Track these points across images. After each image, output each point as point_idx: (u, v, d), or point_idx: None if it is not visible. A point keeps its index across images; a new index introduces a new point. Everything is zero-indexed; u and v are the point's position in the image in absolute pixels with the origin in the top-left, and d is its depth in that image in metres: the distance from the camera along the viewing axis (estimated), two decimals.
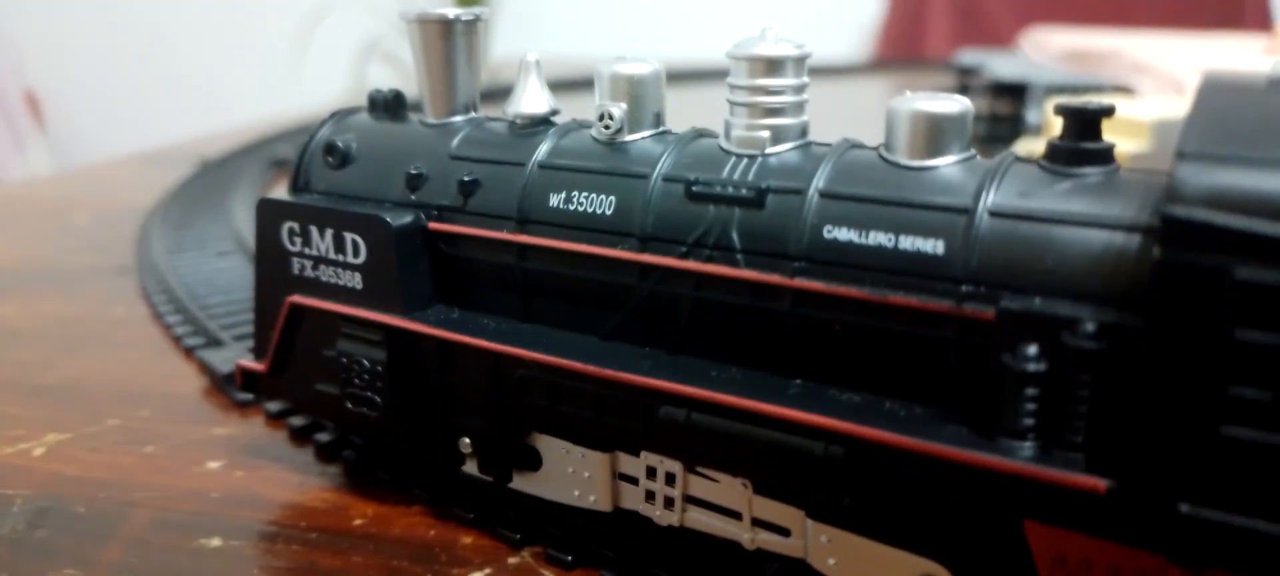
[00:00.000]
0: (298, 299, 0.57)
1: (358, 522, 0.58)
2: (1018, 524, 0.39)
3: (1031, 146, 1.19)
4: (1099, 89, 1.57)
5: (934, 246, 0.41)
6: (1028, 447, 0.38)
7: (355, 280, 0.55)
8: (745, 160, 0.47)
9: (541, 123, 0.55)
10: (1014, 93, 1.70)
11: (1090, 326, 0.36)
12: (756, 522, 0.47)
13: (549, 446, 0.53)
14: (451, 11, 0.56)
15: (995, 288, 0.40)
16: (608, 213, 0.49)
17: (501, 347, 0.51)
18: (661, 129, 0.52)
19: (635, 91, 0.51)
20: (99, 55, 3.96)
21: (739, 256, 0.45)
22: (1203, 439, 0.34)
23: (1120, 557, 0.37)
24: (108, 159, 1.86)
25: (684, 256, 0.47)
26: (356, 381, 0.55)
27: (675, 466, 0.49)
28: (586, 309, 0.51)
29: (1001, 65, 1.84)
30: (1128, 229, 0.38)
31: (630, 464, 0.51)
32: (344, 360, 0.56)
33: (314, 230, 0.56)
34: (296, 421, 0.68)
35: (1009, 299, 0.39)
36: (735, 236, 0.46)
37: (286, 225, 0.57)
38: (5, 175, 3.27)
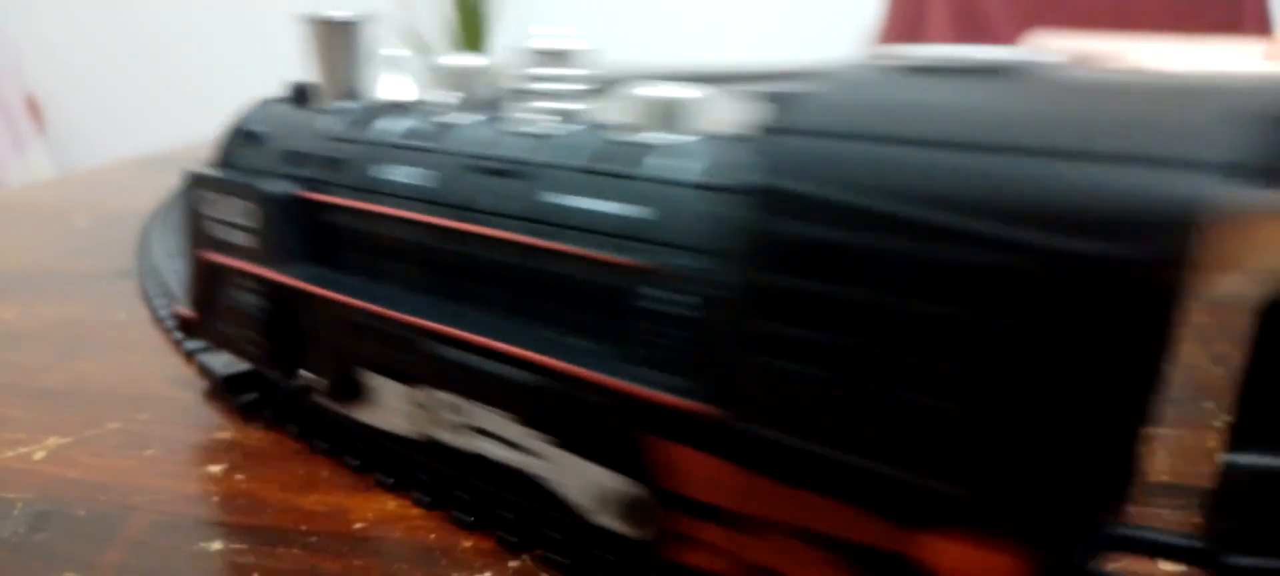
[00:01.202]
0: (209, 255, 0.68)
1: (358, 526, 0.58)
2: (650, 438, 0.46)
3: None
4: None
5: (629, 210, 0.48)
6: (647, 373, 0.45)
7: (246, 239, 0.64)
8: (524, 139, 0.54)
9: (397, 108, 0.63)
10: None
11: (679, 297, 0.44)
12: (516, 447, 0.53)
13: (375, 381, 0.61)
14: (337, 14, 0.65)
15: (659, 244, 0.47)
16: (418, 183, 0.58)
17: (334, 296, 0.59)
18: (490, 115, 0.59)
19: (461, 82, 0.60)
20: (99, 59, 3.97)
21: (494, 219, 0.53)
22: (755, 368, 0.40)
23: (708, 465, 0.44)
24: (108, 162, 1.86)
25: (463, 220, 0.55)
26: (245, 326, 0.66)
27: (458, 397, 0.56)
28: (409, 265, 0.59)
29: None
30: (728, 191, 0.44)
31: (431, 395, 0.58)
32: (238, 307, 0.66)
33: (220, 197, 0.66)
34: (296, 428, 0.68)
35: (663, 254, 0.46)
36: (496, 202, 0.54)
37: (203, 193, 0.67)
38: (5, 178, 3.27)
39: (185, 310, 0.73)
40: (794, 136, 0.39)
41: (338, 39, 0.65)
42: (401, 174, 0.58)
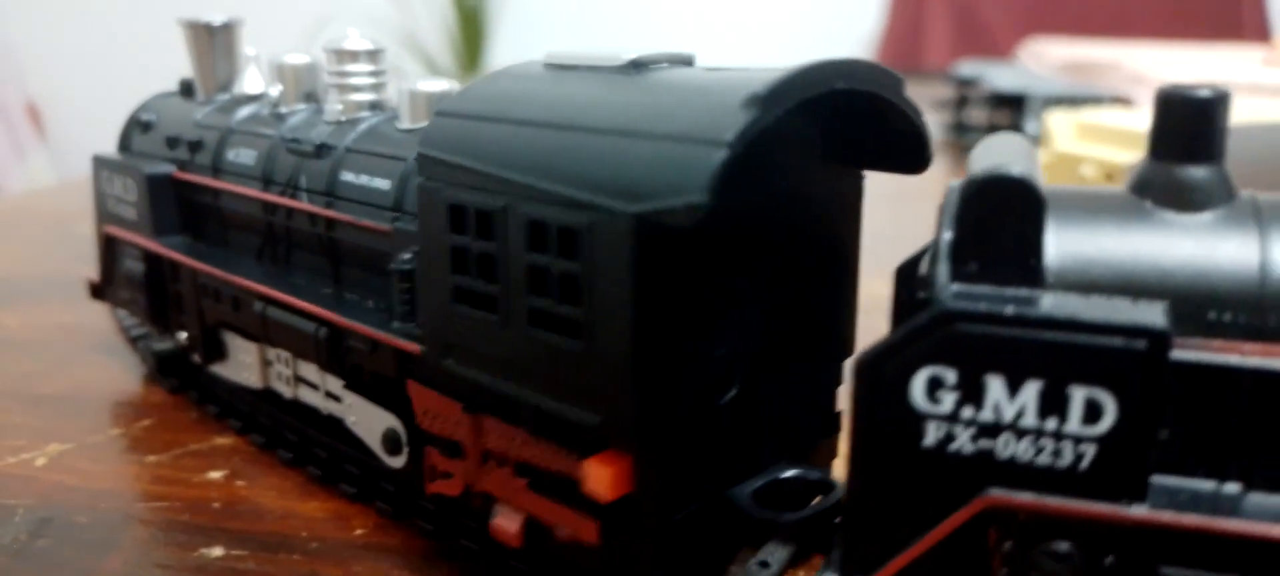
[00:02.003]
0: (108, 227, 0.77)
1: (359, 532, 0.58)
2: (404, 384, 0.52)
3: None
4: (1097, 100, 1.57)
5: (385, 184, 0.55)
6: (395, 323, 0.51)
7: (132, 213, 0.73)
8: (330, 126, 0.61)
9: (249, 100, 0.71)
10: (1013, 103, 1.71)
11: (407, 256, 0.50)
12: (329, 395, 0.61)
13: (230, 339, 0.68)
14: (211, 18, 0.74)
15: (402, 212, 0.54)
16: (251, 163, 0.65)
17: (189, 261, 0.68)
18: (315, 107, 0.66)
19: (290, 77, 0.67)
20: (100, 66, 3.97)
21: (303, 194, 0.61)
22: (441, 312, 0.47)
23: (441, 405, 0.49)
24: None
25: (280, 194, 0.63)
26: (134, 289, 0.76)
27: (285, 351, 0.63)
28: (248, 235, 0.67)
29: (1000, 76, 1.85)
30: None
31: (264, 350, 0.65)
32: (129, 273, 0.76)
33: (114, 176, 0.75)
34: (293, 436, 0.68)
35: (403, 221, 0.52)
36: (303, 179, 0.61)
37: (104, 173, 0.77)
38: (6, 185, 3.27)
39: (95, 279, 0.83)
40: (443, 117, 0.47)
41: (211, 39, 0.75)
42: (241, 155, 0.66)
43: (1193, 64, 1.78)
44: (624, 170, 0.38)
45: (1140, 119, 1.21)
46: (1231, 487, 0.32)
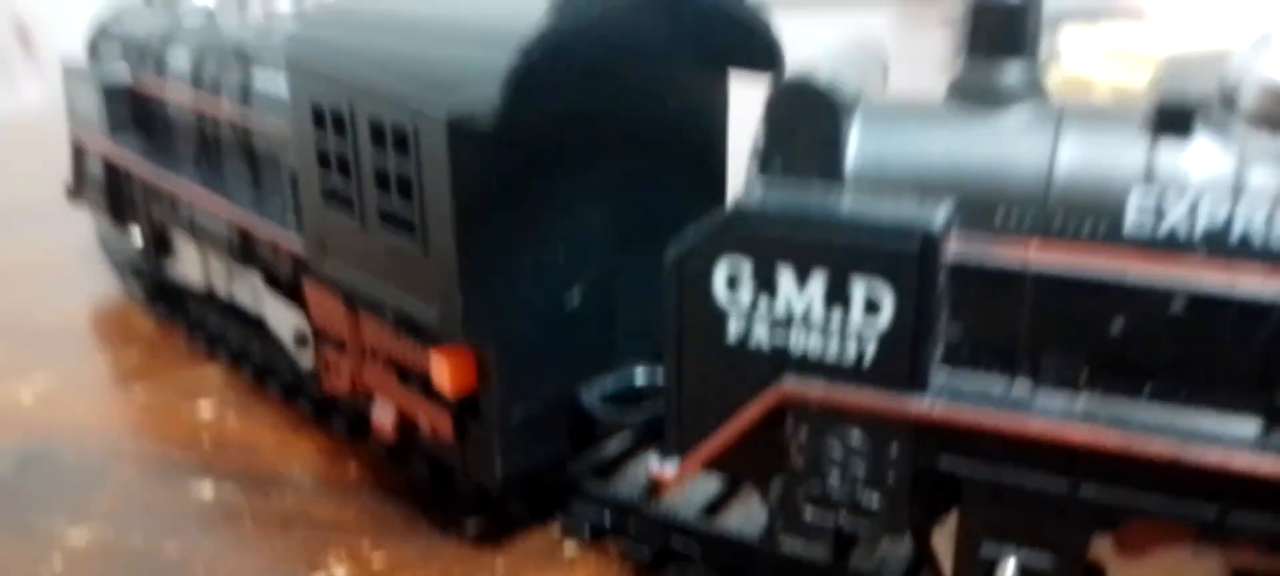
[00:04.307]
0: (78, 134, 0.82)
1: (354, 469, 0.57)
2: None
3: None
4: (1110, 15, 1.52)
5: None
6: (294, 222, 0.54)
7: (96, 120, 0.76)
8: (252, 32, 0.63)
9: (196, 11, 0.73)
10: None
11: None
12: (255, 293, 0.64)
13: (178, 240, 0.73)
14: None
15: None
16: (185, 68, 0.67)
17: (133, 165, 0.73)
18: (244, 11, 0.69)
19: None
20: None
21: (224, 97, 0.63)
22: (313, 209, 0.50)
23: (328, 302, 0.52)
24: None
25: (208, 96, 0.65)
26: (97, 191, 0.81)
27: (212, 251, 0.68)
28: (186, 138, 0.70)
29: None
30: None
31: (203, 249, 0.69)
32: (93, 176, 0.81)
33: (81, 86, 0.79)
34: (286, 372, 0.66)
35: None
36: (223, 83, 0.63)
37: (72, 82, 0.81)
38: None
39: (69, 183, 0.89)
40: (310, 24, 0.52)
41: None
42: (178, 60, 0.69)
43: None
44: (441, 73, 0.40)
45: (1157, 40, 1.17)
46: (1021, 385, 0.34)
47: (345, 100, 0.45)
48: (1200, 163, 0.31)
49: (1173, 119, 0.31)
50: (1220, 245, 0.31)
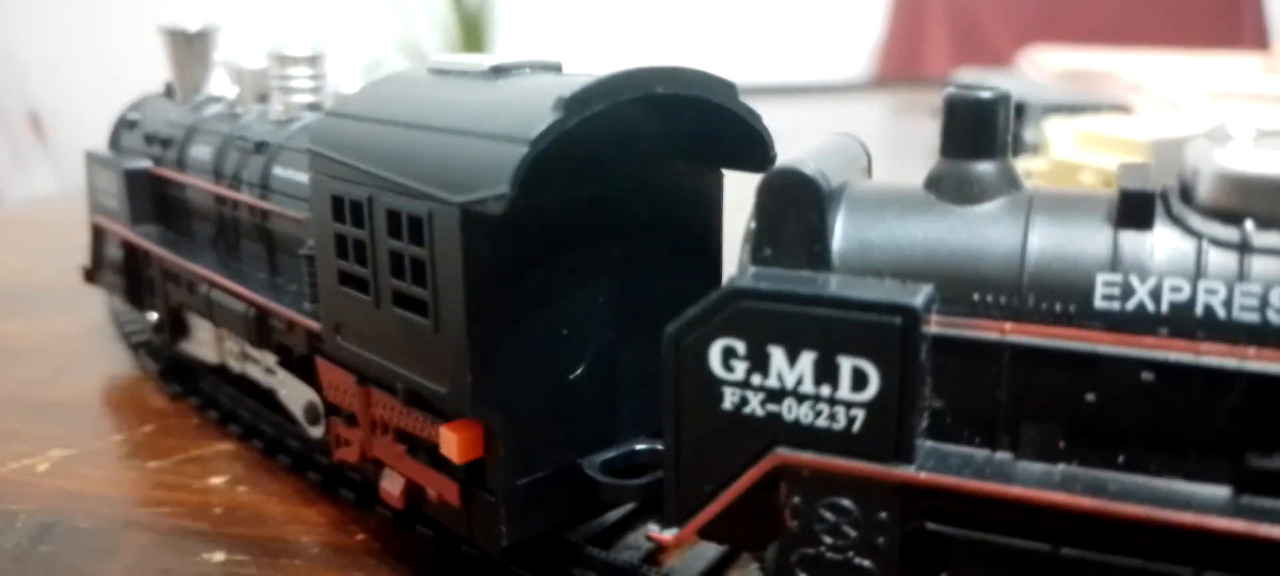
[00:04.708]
0: (97, 218, 0.86)
1: (361, 538, 0.58)
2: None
3: (1030, 165, 1.20)
4: (1096, 108, 1.57)
5: (305, 177, 0.56)
6: (306, 305, 0.57)
7: (114, 204, 0.80)
8: (271, 125, 0.67)
9: (214, 101, 0.78)
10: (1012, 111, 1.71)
11: (312, 242, 0.55)
12: (268, 370, 0.67)
13: (193, 319, 0.76)
14: (187, 25, 0.81)
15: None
16: (207, 158, 0.72)
17: (155, 249, 0.75)
18: (264, 107, 0.71)
19: (247, 80, 0.73)
20: (103, 75, 3.98)
21: (245, 186, 0.67)
22: (331, 292, 0.53)
23: (340, 378, 0.54)
24: None
25: (227, 187, 0.69)
26: (116, 273, 0.84)
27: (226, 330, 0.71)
28: (208, 224, 0.74)
29: (999, 84, 1.85)
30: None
31: (218, 329, 0.72)
32: (112, 259, 0.84)
33: (102, 171, 0.83)
34: (296, 443, 0.68)
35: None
36: (245, 173, 0.67)
37: (93, 168, 0.85)
38: (8, 195, 3.27)
39: (88, 266, 0.92)
40: (331, 116, 0.53)
41: (188, 45, 0.82)
42: (200, 151, 0.73)
43: (1190, 71, 1.79)
44: (456, 165, 0.43)
45: (1137, 126, 1.22)
46: (1002, 455, 0.36)
47: (364, 191, 0.48)
48: (1161, 249, 0.34)
49: (1134, 210, 0.34)
50: (1184, 322, 0.33)
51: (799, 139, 0.42)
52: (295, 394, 0.63)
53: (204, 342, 0.75)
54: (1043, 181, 1.14)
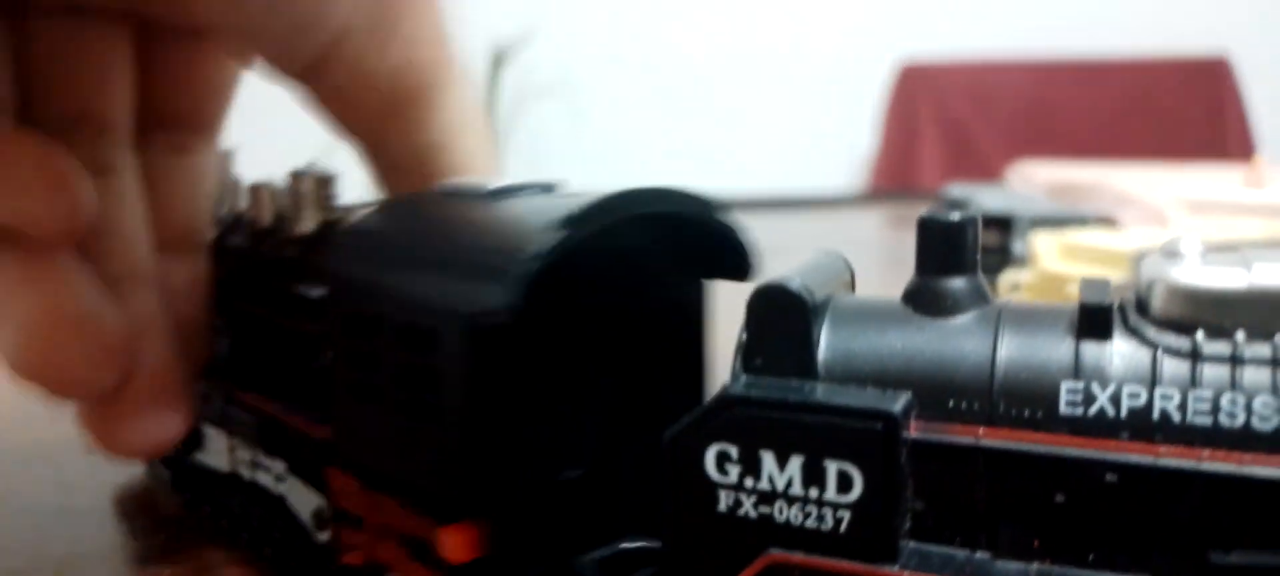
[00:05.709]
0: None
1: None
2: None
3: (1018, 277, 1.23)
4: (1083, 220, 1.62)
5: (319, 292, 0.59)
6: (314, 412, 0.59)
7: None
8: (297, 242, 0.68)
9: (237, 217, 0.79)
10: (1001, 225, 1.75)
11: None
12: (278, 477, 0.68)
13: (206, 430, 0.76)
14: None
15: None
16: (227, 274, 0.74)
17: None
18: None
19: (264, 196, 0.73)
20: None
21: (263, 302, 0.68)
22: (340, 401, 0.55)
23: (347, 484, 0.56)
24: None
25: (248, 302, 0.71)
26: None
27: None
28: (224, 338, 0.75)
29: (988, 197, 1.90)
30: None
31: (230, 437, 0.74)
32: None
33: None
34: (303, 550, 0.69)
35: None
36: (262, 288, 0.69)
37: None
38: None
39: None
40: (346, 236, 0.57)
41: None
42: (219, 272, 0.75)
43: (1175, 184, 1.84)
44: (460, 280, 0.46)
45: (1122, 239, 1.26)
46: (982, 554, 0.38)
47: (376, 306, 0.51)
48: (1119, 358, 0.37)
49: (1093, 322, 0.37)
50: (1142, 426, 0.36)
51: (793, 253, 0.46)
52: (303, 500, 0.65)
53: (217, 452, 0.77)
54: (1030, 293, 1.17)
